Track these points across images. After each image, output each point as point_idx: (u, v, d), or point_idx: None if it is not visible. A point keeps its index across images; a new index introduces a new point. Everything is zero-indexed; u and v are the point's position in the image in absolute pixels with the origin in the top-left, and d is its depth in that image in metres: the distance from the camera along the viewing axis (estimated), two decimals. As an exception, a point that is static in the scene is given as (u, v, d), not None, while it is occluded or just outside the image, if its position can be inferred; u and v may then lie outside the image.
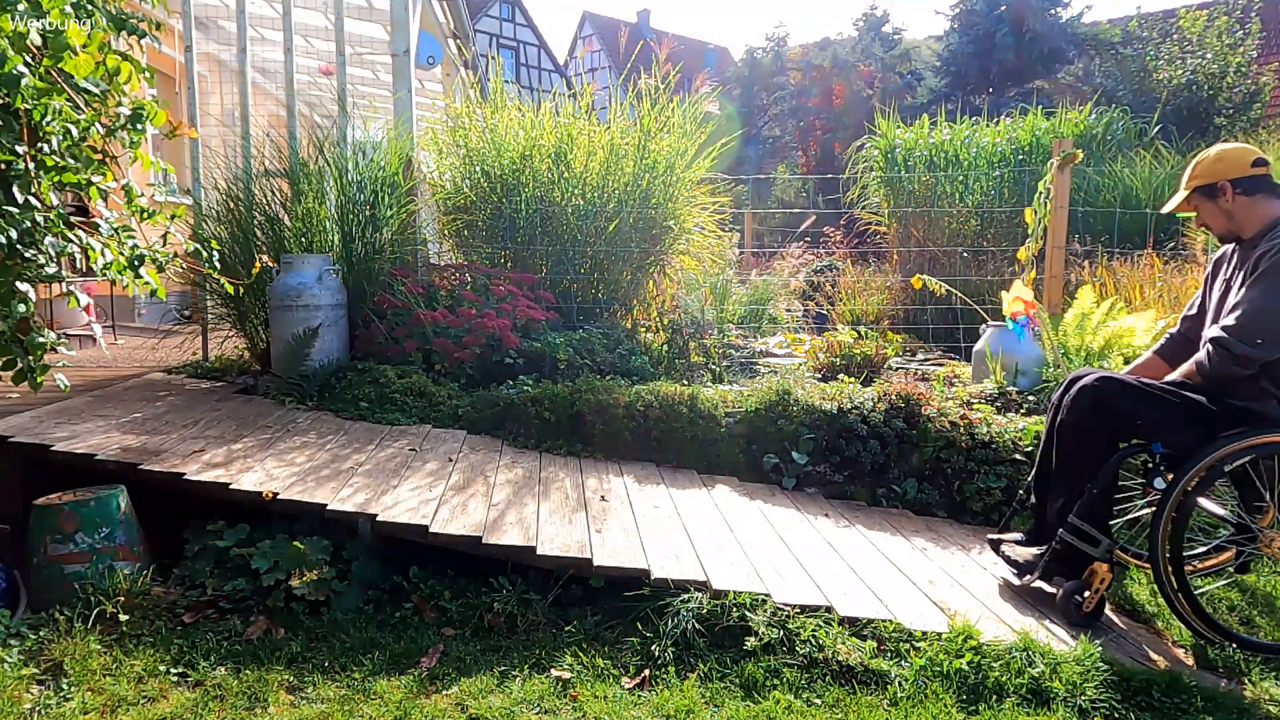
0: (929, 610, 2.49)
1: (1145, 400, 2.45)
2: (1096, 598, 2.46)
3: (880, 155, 7.70)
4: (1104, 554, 2.44)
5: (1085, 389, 2.52)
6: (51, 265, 2.27)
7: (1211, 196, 2.48)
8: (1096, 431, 2.51)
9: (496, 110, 5.26)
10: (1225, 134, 10.75)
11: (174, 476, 2.82)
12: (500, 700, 2.08)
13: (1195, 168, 2.54)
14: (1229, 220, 2.48)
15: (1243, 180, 2.43)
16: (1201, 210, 2.54)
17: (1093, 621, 2.48)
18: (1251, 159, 2.45)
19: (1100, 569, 2.45)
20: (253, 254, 4.47)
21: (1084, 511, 2.49)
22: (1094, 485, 2.49)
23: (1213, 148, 2.56)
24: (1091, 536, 2.45)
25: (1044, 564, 2.56)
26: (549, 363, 4.21)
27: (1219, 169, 2.47)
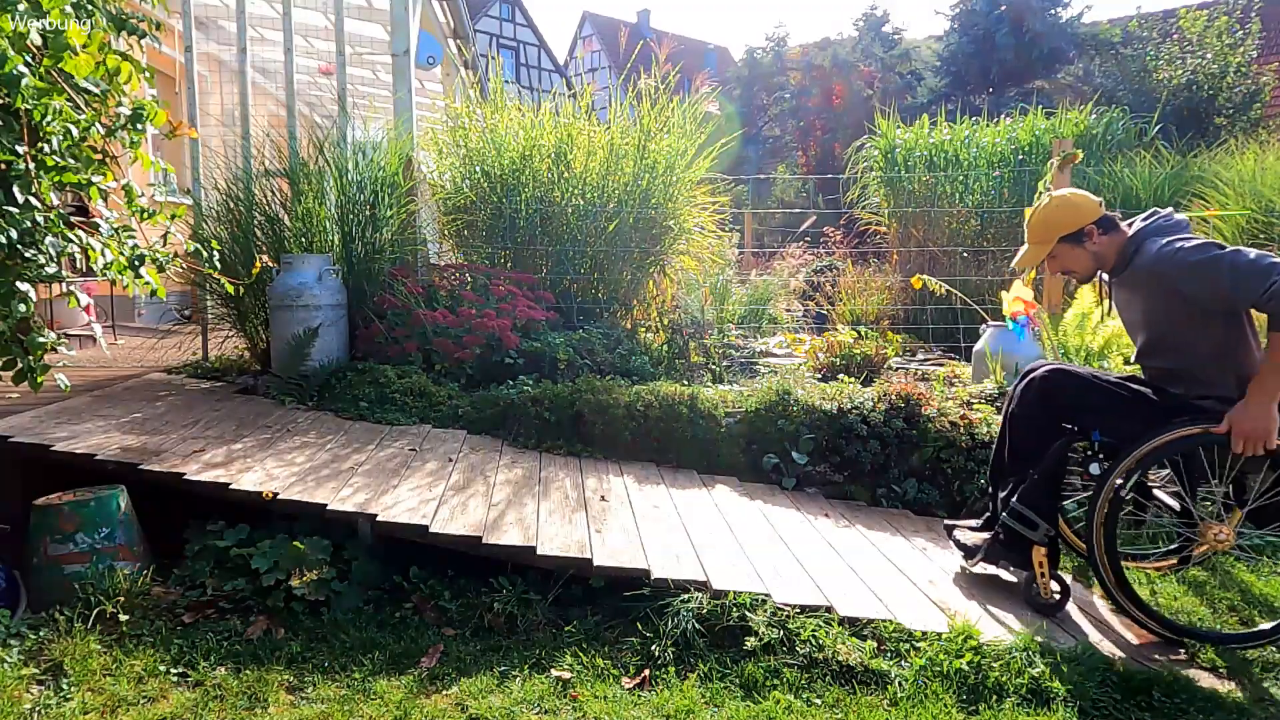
0: (929, 610, 2.49)
1: (1091, 390, 2.53)
2: (1048, 583, 2.52)
3: (880, 155, 7.71)
4: (1042, 538, 2.52)
5: (1034, 379, 2.62)
6: (52, 265, 2.26)
7: (1079, 242, 2.53)
8: (1043, 420, 2.59)
9: (496, 110, 5.26)
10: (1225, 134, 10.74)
11: (174, 476, 2.82)
12: (500, 700, 2.08)
13: (1050, 218, 2.55)
14: (1095, 260, 2.54)
15: (1101, 220, 2.51)
16: (1066, 258, 2.57)
17: (1054, 610, 2.53)
18: (1096, 200, 2.54)
19: (1038, 552, 2.52)
20: (253, 254, 4.47)
21: (1025, 496, 2.56)
22: (1035, 471, 2.57)
23: (1051, 200, 2.60)
24: (1030, 520, 2.52)
25: (987, 548, 2.65)
26: (549, 363, 4.21)
27: (1080, 215, 2.52)
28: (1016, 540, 2.56)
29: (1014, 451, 2.68)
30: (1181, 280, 2.32)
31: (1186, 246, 2.32)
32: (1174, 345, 2.45)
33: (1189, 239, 2.36)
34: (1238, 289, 2.22)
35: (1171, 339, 2.45)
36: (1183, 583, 2.82)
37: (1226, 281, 2.24)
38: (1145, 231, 2.46)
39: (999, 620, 2.47)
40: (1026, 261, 2.63)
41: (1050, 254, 2.58)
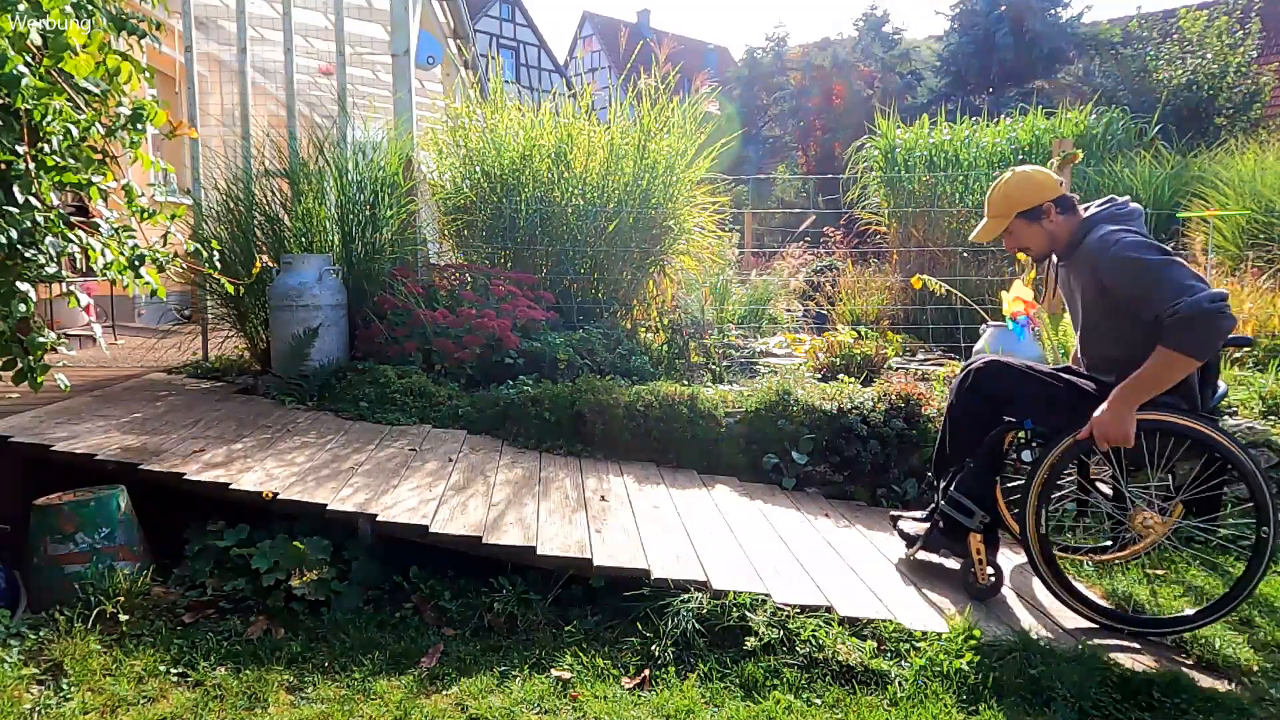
0: (929, 610, 2.49)
1: (1025, 381, 2.57)
2: (984, 568, 2.57)
3: (880, 155, 7.71)
4: (977, 525, 2.57)
5: (972, 371, 2.68)
6: (52, 265, 2.26)
7: (1036, 219, 2.55)
8: (980, 411, 2.64)
9: (496, 110, 5.26)
10: (1225, 134, 10.74)
11: (174, 476, 2.82)
12: (500, 700, 2.08)
13: (1010, 193, 2.58)
14: (1050, 240, 2.56)
15: (1058, 199, 2.53)
16: (1023, 235, 2.59)
17: (989, 595, 2.59)
18: (1056, 180, 2.57)
19: (974, 539, 2.58)
20: (253, 254, 4.47)
21: (961, 485, 2.62)
22: (972, 460, 2.63)
23: (1012, 175, 2.62)
24: (967, 509, 2.57)
25: (926, 536, 2.73)
26: (549, 363, 4.21)
27: (1041, 192, 2.53)
28: (954, 528, 2.62)
29: (953, 442, 2.75)
30: (1108, 270, 2.36)
31: (1126, 240, 2.34)
32: (1106, 334, 2.50)
33: (1134, 232, 2.38)
34: (1149, 297, 2.26)
35: (1104, 328, 2.50)
36: (1182, 583, 2.82)
37: (1143, 286, 2.28)
38: (1097, 217, 2.49)
39: (1000, 620, 2.47)
40: (984, 235, 2.66)
41: (1008, 229, 2.61)
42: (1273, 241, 6.01)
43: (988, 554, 2.59)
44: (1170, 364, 2.23)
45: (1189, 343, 2.19)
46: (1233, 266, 5.86)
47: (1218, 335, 2.19)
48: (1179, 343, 2.19)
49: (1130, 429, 2.28)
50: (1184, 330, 2.17)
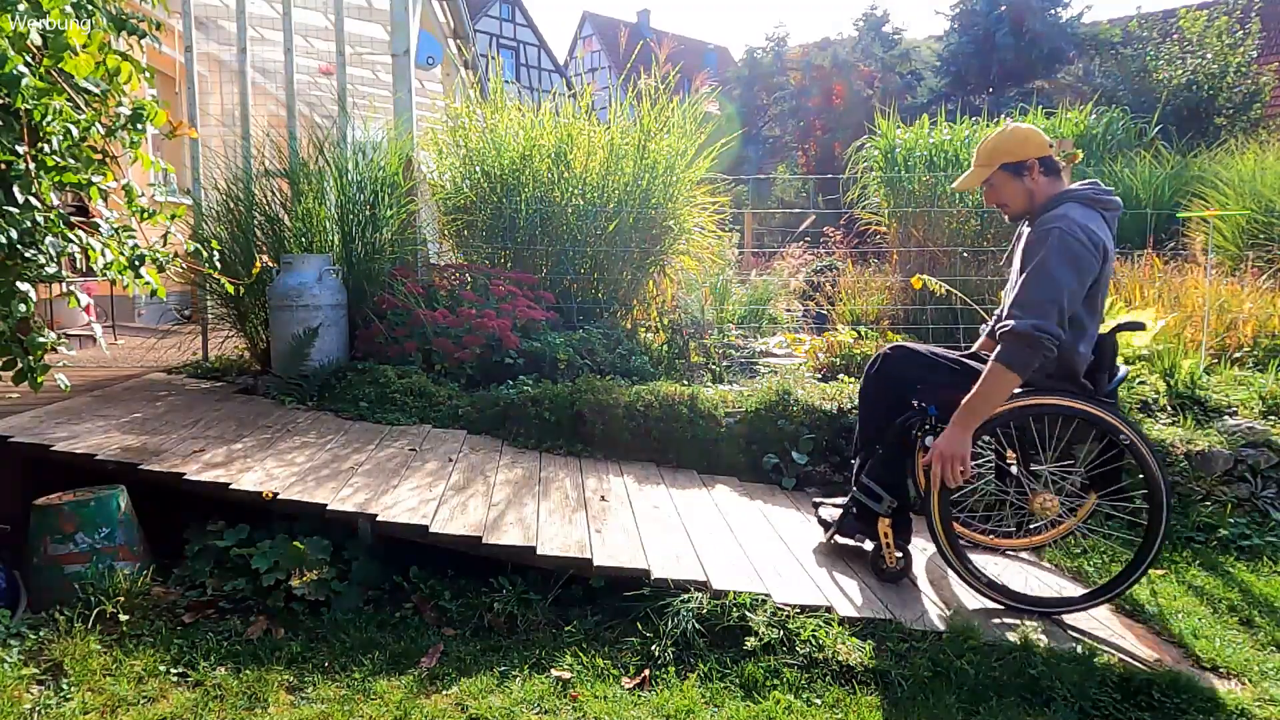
0: (929, 610, 2.49)
1: (928, 367, 2.64)
2: (893, 551, 2.63)
3: (880, 155, 7.70)
4: (886, 509, 2.62)
5: (880, 357, 2.75)
6: (52, 265, 2.26)
7: (1019, 174, 2.55)
8: (885, 397, 2.70)
9: (496, 110, 5.26)
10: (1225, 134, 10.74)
11: (174, 476, 2.82)
12: (500, 700, 2.08)
13: (999, 145, 2.57)
14: (1029, 199, 2.56)
15: (1044, 159, 2.53)
16: (1004, 189, 2.58)
17: (898, 578, 2.64)
18: (1047, 140, 2.56)
19: (883, 523, 2.62)
20: (253, 254, 4.47)
21: (871, 471, 2.68)
22: (879, 446, 2.68)
23: (1005, 128, 2.63)
24: (875, 493, 2.63)
25: (840, 522, 2.79)
26: (549, 363, 4.21)
27: (1027, 148, 2.53)
28: (866, 513, 2.68)
29: (865, 428, 2.80)
30: (1033, 246, 2.40)
31: (1070, 236, 2.34)
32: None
33: (1087, 228, 2.37)
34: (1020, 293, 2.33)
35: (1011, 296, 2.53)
36: (1182, 583, 2.82)
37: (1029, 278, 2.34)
38: (1075, 193, 2.49)
39: (1000, 619, 2.47)
40: (967, 183, 2.67)
41: (990, 180, 2.60)
42: (1273, 241, 6.01)
43: (896, 538, 2.63)
44: (998, 378, 2.32)
45: (1010, 359, 2.30)
46: (1233, 266, 5.86)
47: (1031, 360, 2.30)
48: (1002, 356, 2.31)
49: (966, 454, 2.33)
50: (1008, 347, 2.30)
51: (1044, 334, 2.27)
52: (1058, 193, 2.52)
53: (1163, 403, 3.77)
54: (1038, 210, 2.54)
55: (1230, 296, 4.87)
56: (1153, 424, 3.55)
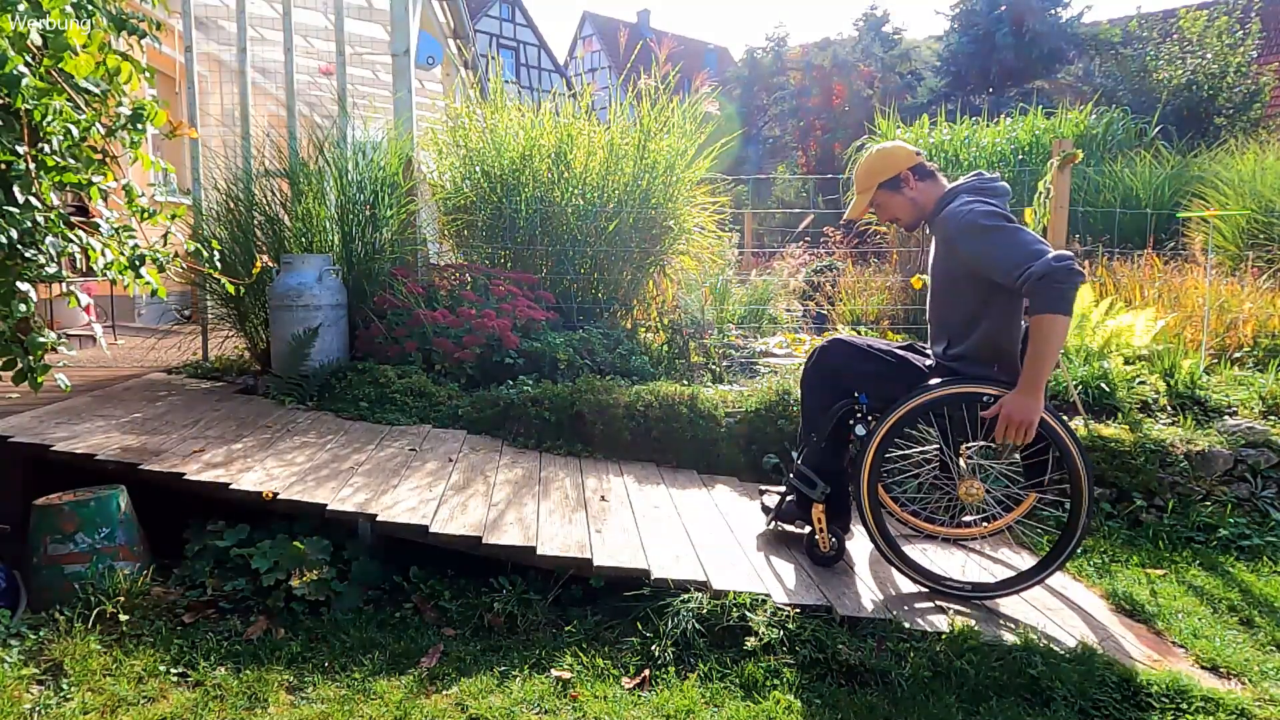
0: (929, 610, 2.49)
1: (861, 358, 2.70)
2: (826, 536, 2.69)
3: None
4: (820, 496, 2.68)
5: (817, 350, 2.82)
6: (52, 265, 2.26)
7: (897, 189, 2.65)
8: (822, 387, 2.77)
9: (496, 110, 5.26)
10: (1225, 134, 10.74)
11: (174, 476, 2.82)
12: (500, 700, 2.08)
13: (870, 167, 2.68)
14: (915, 208, 2.66)
15: (915, 167, 2.64)
16: (890, 205, 2.69)
17: (831, 562, 2.70)
18: (913, 150, 2.67)
19: (817, 509, 2.68)
20: (253, 254, 4.47)
21: (806, 458, 2.74)
22: (815, 434, 2.74)
23: (871, 150, 2.75)
24: (810, 480, 2.69)
25: (779, 508, 2.87)
26: (549, 363, 4.21)
27: (896, 162, 2.64)
28: (802, 499, 2.75)
29: (803, 417, 2.87)
30: (961, 238, 2.45)
31: (980, 209, 2.42)
32: (944, 301, 2.61)
33: (989, 203, 2.46)
34: (1000, 261, 2.35)
35: (942, 295, 2.61)
36: (1182, 583, 2.82)
37: (994, 251, 2.37)
38: (960, 188, 2.58)
39: (1000, 619, 2.47)
40: (855, 210, 2.75)
41: (875, 201, 2.70)
42: (1273, 241, 6.01)
43: (830, 523, 2.70)
44: (1052, 326, 2.27)
45: (1053, 300, 2.25)
46: (1233, 266, 5.86)
47: (1073, 288, 2.26)
48: (1048, 302, 2.25)
49: (1036, 414, 2.32)
50: (1044, 290, 2.25)
51: (1061, 261, 2.23)
52: (944, 192, 2.62)
53: (1163, 403, 3.77)
54: (931, 214, 2.64)
55: (1230, 296, 4.87)
56: (1153, 424, 3.55)
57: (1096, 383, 3.77)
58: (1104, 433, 3.42)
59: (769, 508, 2.95)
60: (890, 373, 2.63)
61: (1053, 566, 2.51)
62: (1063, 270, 2.23)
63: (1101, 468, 3.34)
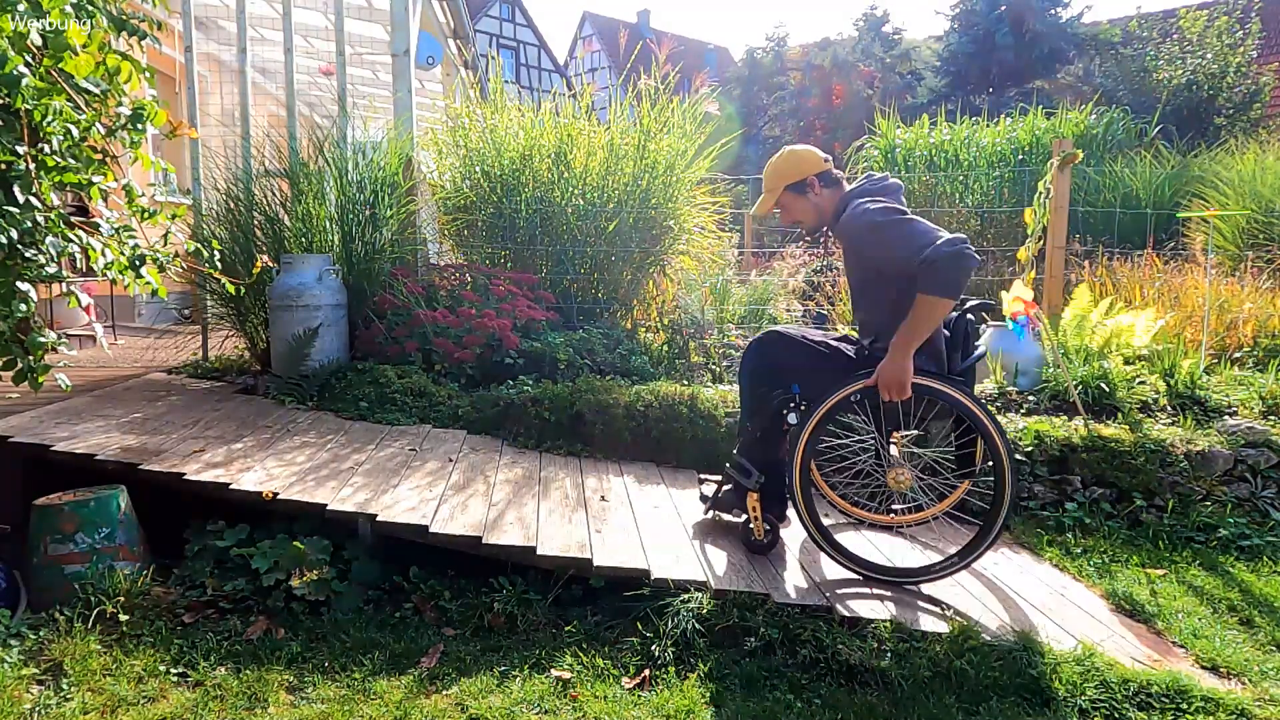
0: (929, 610, 2.49)
1: (796, 349, 2.74)
2: (761, 524, 2.73)
3: (880, 155, 7.71)
4: (754, 485, 2.72)
5: (754, 342, 2.87)
6: (52, 265, 2.26)
7: (802, 192, 2.72)
8: (757, 378, 2.81)
9: (496, 110, 5.26)
10: (1225, 134, 10.74)
11: (174, 476, 2.82)
12: (500, 700, 2.08)
13: (779, 169, 2.74)
14: (818, 212, 2.73)
15: (822, 174, 2.72)
16: (794, 207, 2.75)
17: (766, 549, 2.74)
18: (822, 156, 2.75)
19: (751, 498, 2.73)
20: (253, 254, 4.47)
21: (741, 448, 2.81)
22: (751, 425, 2.79)
23: (781, 152, 2.81)
24: (746, 469, 2.74)
25: (716, 497, 2.92)
26: (549, 363, 4.21)
27: (804, 167, 2.71)
28: (739, 488, 2.79)
29: (742, 408, 2.93)
30: (861, 238, 2.54)
31: (873, 209, 2.51)
32: (863, 299, 2.70)
33: (880, 201, 2.54)
34: (899, 255, 2.41)
35: (860, 295, 2.71)
36: (1182, 583, 2.82)
37: (892, 245, 2.44)
38: (854, 191, 2.68)
39: (999, 619, 2.47)
40: (760, 209, 2.84)
41: (780, 203, 2.77)
42: (1273, 241, 6.01)
43: (764, 511, 2.73)
44: (930, 306, 2.36)
45: (941, 284, 2.34)
46: (1233, 266, 5.86)
47: (963, 273, 2.34)
48: (932, 285, 2.34)
49: (907, 378, 2.42)
50: (934, 274, 2.33)
51: (955, 244, 2.32)
52: (841, 197, 2.70)
53: (1163, 403, 3.77)
54: (831, 220, 2.71)
55: (1230, 296, 4.87)
56: (1153, 424, 3.55)
57: (1096, 383, 3.77)
58: (1104, 433, 3.42)
59: (707, 497, 2.99)
60: (823, 363, 2.68)
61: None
62: (952, 255, 2.31)
63: (1101, 468, 3.34)
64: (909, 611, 2.46)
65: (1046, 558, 3.01)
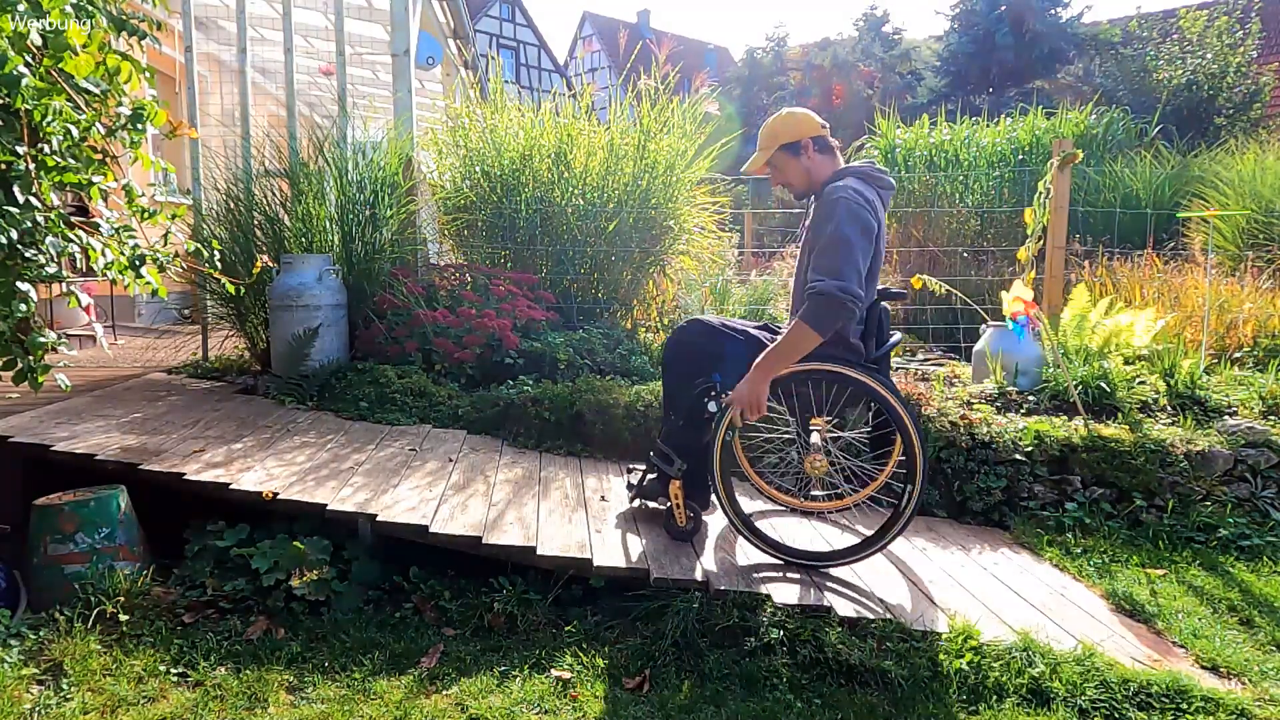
0: (929, 610, 2.49)
1: (716, 337, 2.76)
2: (683, 511, 2.75)
3: (880, 155, 7.70)
4: (676, 472, 2.74)
5: (676, 330, 2.90)
6: (52, 265, 2.26)
7: (796, 153, 2.71)
8: (680, 366, 2.84)
9: (496, 110, 5.26)
10: (1225, 134, 10.74)
11: (174, 476, 2.82)
12: (500, 700, 2.08)
13: (775, 128, 2.73)
14: (808, 177, 2.72)
15: (817, 139, 2.70)
16: (786, 168, 2.74)
17: (689, 536, 2.77)
18: (819, 121, 2.73)
19: (674, 485, 2.75)
20: (253, 254, 4.47)
21: (666, 437, 2.82)
22: (673, 412, 2.83)
23: (780, 112, 2.79)
24: (669, 457, 2.75)
25: (642, 486, 2.93)
26: (549, 363, 4.21)
27: (801, 129, 2.70)
28: (662, 475, 2.81)
29: (665, 397, 2.96)
30: (827, 213, 2.53)
31: (853, 203, 2.50)
32: (802, 274, 2.69)
33: (865, 199, 2.54)
34: (821, 257, 2.46)
35: (804, 270, 2.67)
36: (1182, 583, 2.82)
37: (827, 247, 2.46)
38: (851, 169, 2.68)
39: (999, 620, 2.47)
40: (752, 165, 2.82)
41: (772, 161, 2.76)
42: (1273, 241, 6.01)
43: (686, 499, 2.75)
44: (800, 334, 2.44)
45: (816, 317, 2.43)
46: (1233, 266, 5.86)
47: (836, 320, 2.45)
48: (810, 315, 2.43)
49: (762, 398, 2.47)
50: (817, 306, 2.42)
51: (847, 295, 2.41)
52: (837, 169, 2.70)
53: (1163, 403, 3.77)
54: (820, 186, 2.70)
55: (1230, 296, 4.87)
56: (1153, 424, 3.55)
57: (1096, 383, 3.77)
58: (1104, 433, 3.42)
59: (632, 484, 3.00)
60: (743, 351, 2.68)
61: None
62: (839, 300, 2.41)
63: (1101, 468, 3.34)
64: (909, 612, 2.46)
65: (1047, 558, 3.01)
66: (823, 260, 2.47)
